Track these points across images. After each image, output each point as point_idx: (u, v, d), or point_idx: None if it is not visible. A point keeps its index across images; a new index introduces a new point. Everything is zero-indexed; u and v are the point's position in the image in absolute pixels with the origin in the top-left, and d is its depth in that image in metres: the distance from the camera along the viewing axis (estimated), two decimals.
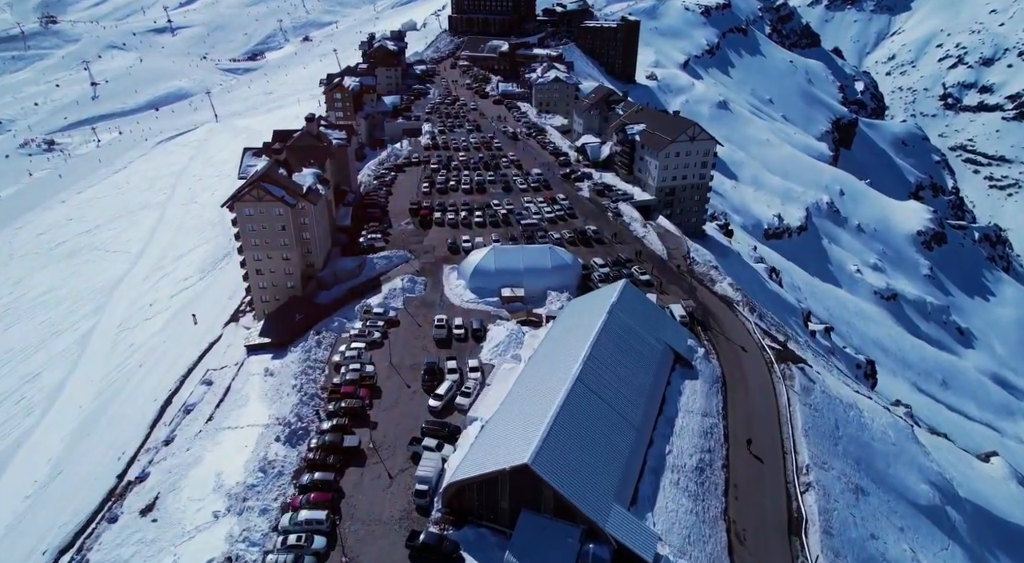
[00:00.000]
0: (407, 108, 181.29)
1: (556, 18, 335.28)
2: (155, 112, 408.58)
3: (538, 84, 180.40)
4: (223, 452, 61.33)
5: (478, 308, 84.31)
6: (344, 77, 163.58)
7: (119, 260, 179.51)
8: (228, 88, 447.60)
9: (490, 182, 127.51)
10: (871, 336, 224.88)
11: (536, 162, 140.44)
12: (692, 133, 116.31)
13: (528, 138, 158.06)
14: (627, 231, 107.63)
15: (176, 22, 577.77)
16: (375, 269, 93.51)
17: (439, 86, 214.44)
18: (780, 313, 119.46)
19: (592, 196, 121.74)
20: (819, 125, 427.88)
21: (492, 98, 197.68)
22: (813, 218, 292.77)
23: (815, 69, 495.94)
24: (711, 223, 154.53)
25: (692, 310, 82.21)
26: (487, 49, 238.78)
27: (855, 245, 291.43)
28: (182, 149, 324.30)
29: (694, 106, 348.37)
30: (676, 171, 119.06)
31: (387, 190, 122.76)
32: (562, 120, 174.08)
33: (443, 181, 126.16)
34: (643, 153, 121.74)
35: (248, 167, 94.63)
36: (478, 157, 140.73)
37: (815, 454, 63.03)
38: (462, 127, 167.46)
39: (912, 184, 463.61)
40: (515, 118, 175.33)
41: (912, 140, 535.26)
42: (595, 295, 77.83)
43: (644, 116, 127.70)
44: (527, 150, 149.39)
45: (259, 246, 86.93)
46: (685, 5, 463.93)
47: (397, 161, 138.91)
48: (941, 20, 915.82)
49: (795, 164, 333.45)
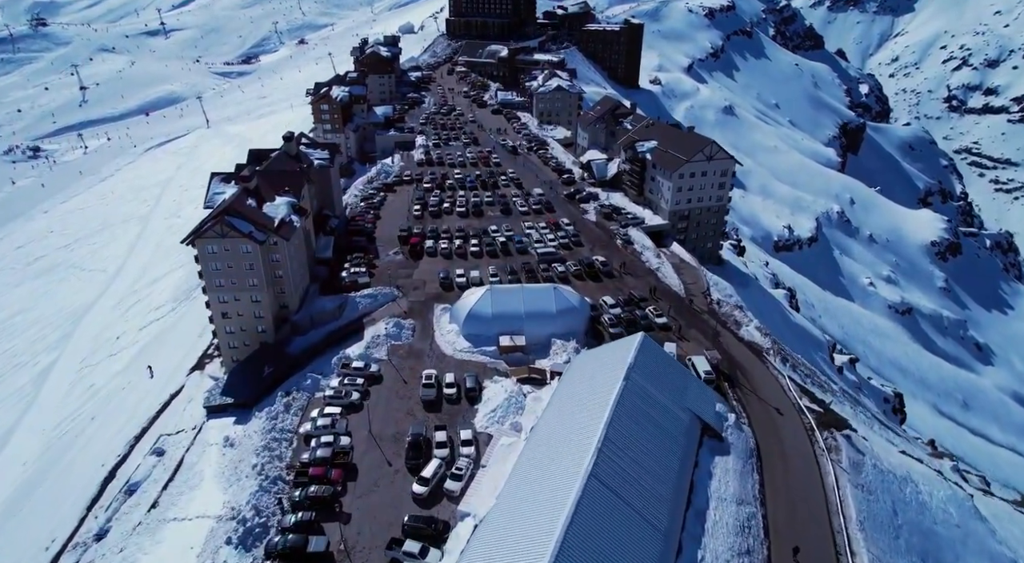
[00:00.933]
0: (400, 118, 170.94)
1: (557, 21, 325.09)
2: (145, 117, 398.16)
3: (539, 93, 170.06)
4: (162, 556, 50.86)
5: (473, 359, 73.92)
6: (332, 86, 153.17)
7: (94, 280, 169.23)
8: (221, 92, 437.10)
9: (488, 203, 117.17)
10: (888, 355, 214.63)
11: (538, 180, 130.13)
12: (709, 152, 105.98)
13: (529, 152, 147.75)
14: (639, 262, 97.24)
15: (169, 24, 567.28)
16: (358, 310, 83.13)
17: (435, 94, 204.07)
18: (806, 349, 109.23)
19: (599, 220, 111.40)
20: (826, 130, 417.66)
21: (491, 108, 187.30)
22: (823, 228, 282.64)
23: (821, 72, 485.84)
24: (724, 242, 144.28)
25: (718, 363, 71.84)
26: (485, 54, 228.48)
27: (867, 256, 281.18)
28: (170, 157, 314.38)
29: (699, 112, 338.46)
30: (691, 193, 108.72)
31: (375, 214, 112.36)
32: (565, 132, 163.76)
33: (436, 203, 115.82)
34: (655, 173, 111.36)
35: (215, 195, 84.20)
36: (475, 175, 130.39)
37: (876, 557, 52.54)
38: (458, 140, 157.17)
39: (920, 190, 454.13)
40: (515, 130, 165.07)
41: (919, 144, 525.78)
42: (608, 351, 67.39)
43: (655, 132, 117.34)
44: (527, 166, 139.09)
45: (225, 287, 76.60)
46: (688, 7, 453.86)
47: (387, 180, 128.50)
48: (945, 21, 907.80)
49: (804, 172, 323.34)
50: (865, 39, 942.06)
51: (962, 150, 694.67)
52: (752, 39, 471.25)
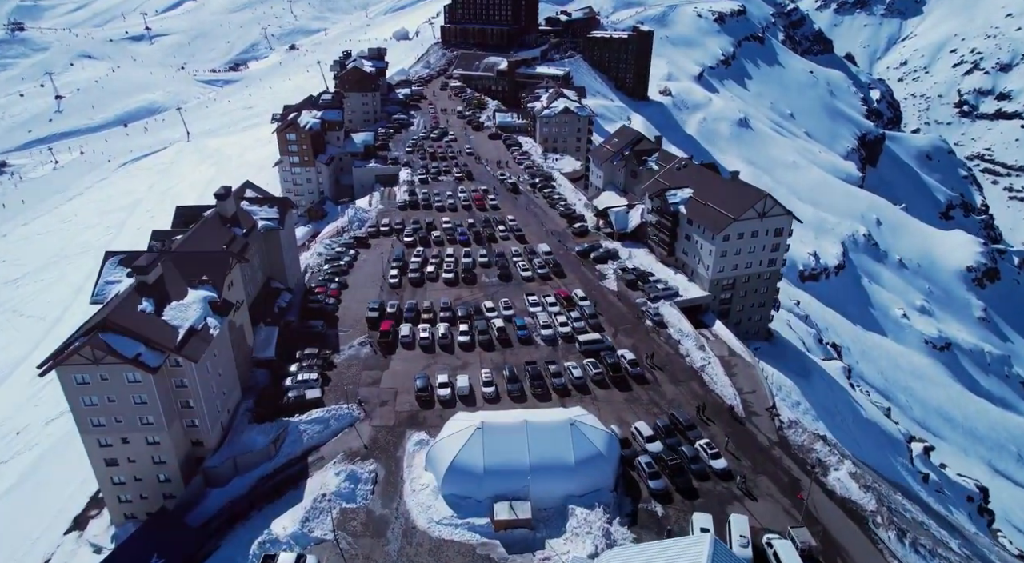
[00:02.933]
0: (383, 146, 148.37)
1: (560, 28, 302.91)
2: (124, 128, 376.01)
3: (544, 116, 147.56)
4: None
5: (455, 537, 51.52)
6: (301, 111, 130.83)
7: (31, 331, 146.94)
8: (205, 102, 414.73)
9: (483, 264, 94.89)
10: (933, 403, 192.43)
11: (543, 230, 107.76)
12: (762, 208, 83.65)
13: (533, 190, 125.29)
14: (677, 356, 74.85)
15: (156, 29, 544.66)
16: (301, 444, 60.81)
17: (425, 114, 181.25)
18: (883, 453, 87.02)
19: (621, 288, 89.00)
20: (844, 142, 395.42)
21: (488, 131, 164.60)
22: (850, 253, 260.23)
23: (836, 80, 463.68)
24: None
25: (810, 548, 49.38)
26: (483, 67, 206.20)
27: (898, 284, 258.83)
28: (144, 174, 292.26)
29: (713, 125, 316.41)
30: (738, 258, 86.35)
31: (341, 281, 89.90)
32: (574, 163, 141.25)
33: (419, 264, 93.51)
34: (691, 231, 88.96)
35: (107, 285, 61.87)
36: (468, 223, 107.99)
37: None
38: (450, 172, 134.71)
39: (942, 203, 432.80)
40: (515, 159, 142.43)
41: (937, 153, 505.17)
42: (656, 555, 44.72)
43: (690, 176, 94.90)
44: (531, 209, 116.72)
45: (106, 427, 54.37)
46: (697, 12, 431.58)
47: (360, 230, 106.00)
48: (955, 24, 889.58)
49: (826, 190, 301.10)
50: (873, 42, 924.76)
51: (974, 157, 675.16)
52: (764, 45, 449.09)
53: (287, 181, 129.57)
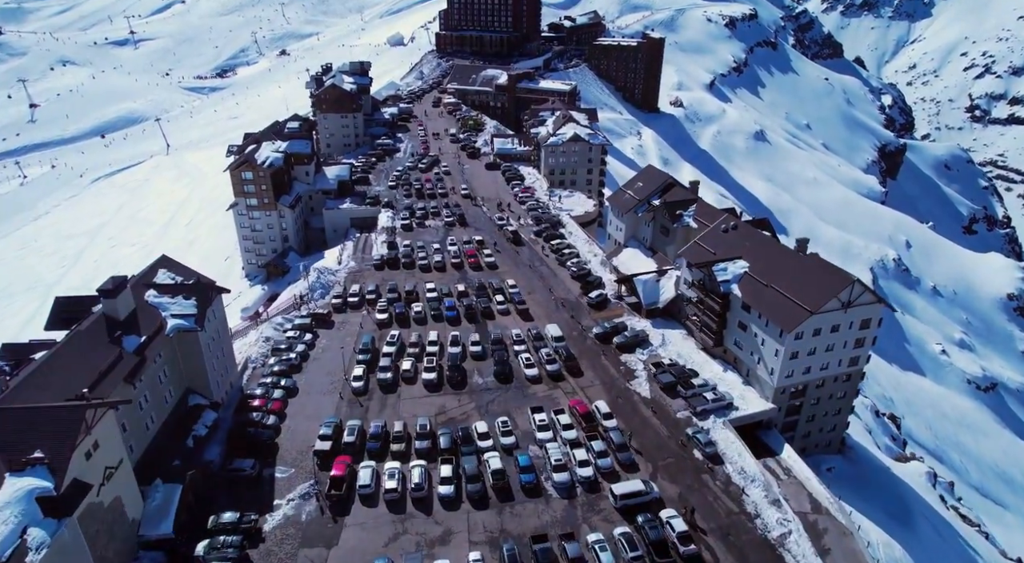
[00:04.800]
0: (363, 179, 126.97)
1: (564, 35, 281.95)
2: (101, 139, 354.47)
3: (550, 145, 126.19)
4: None
5: None
6: (260, 143, 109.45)
7: None
8: (190, 110, 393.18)
9: (476, 355, 73.62)
10: (987, 460, 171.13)
11: (552, 300, 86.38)
12: (848, 296, 62.50)
13: (538, 240, 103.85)
14: (744, 519, 53.48)
15: (142, 33, 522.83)
16: None
17: (414, 138, 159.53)
18: None
19: (655, 393, 67.81)
20: (863, 153, 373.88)
21: (485, 159, 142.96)
22: (880, 280, 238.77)
23: (852, 87, 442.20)
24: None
25: None
26: (480, 81, 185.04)
27: (933, 315, 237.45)
28: (117, 191, 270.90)
29: (727, 138, 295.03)
30: (812, 359, 65.18)
31: (289, 383, 68.56)
32: (585, 201, 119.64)
33: (393, 355, 72.21)
34: (749, 320, 67.71)
35: None
36: (457, 292, 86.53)
37: None
38: (439, 215, 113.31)
39: (965, 217, 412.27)
40: (516, 197, 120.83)
41: (956, 163, 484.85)
42: None
43: (741, 241, 73.55)
44: (536, 268, 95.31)
45: None
46: (707, 16, 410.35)
47: (321, 303, 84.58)
48: (965, 27, 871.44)
49: (850, 209, 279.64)
50: (880, 45, 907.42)
51: (987, 163, 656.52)
52: (777, 51, 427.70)
53: (244, 227, 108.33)
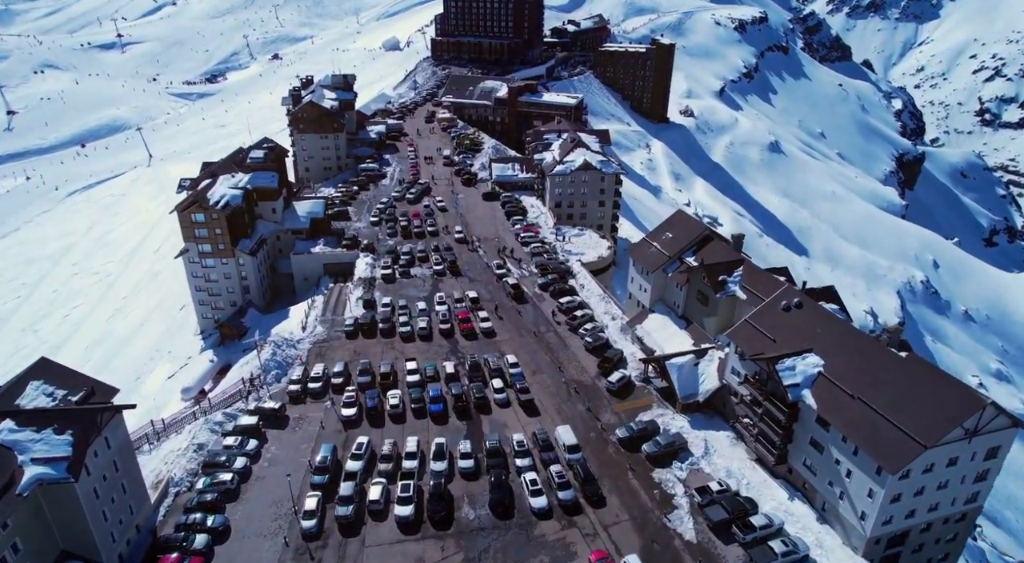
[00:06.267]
0: (340, 213, 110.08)
1: (567, 40, 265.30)
2: (82, 149, 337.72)
3: (556, 174, 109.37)
4: None
5: None
6: (217, 177, 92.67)
7: None
8: (176, 118, 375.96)
9: (466, 472, 56.90)
10: None
11: (563, 383, 69.49)
12: (976, 422, 45.67)
13: (544, 296, 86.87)
14: None
15: (131, 36, 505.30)
16: None
17: (403, 160, 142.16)
18: None
19: (703, 537, 51.07)
20: (880, 163, 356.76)
21: (482, 187, 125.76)
22: (908, 305, 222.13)
23: (867, 93, 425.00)
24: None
25: None
26: (478, 93, 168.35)
27: (967, 343, 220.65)
28: (91, 207, 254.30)
29: (740, 150, 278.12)
30: (919, 500, 48.50)
31: (219, 522, 51.64)
32: (598, 241, 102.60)
33: (357, 482, 55.24)
34: (827, 441, 50.88)
35: None
36: (446, 375, 69.60)
37: None
38: (427, 261, 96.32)
39: (985, 228, 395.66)
40: (517, 237, 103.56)
41: (972, 170, 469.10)
42: None
43: (809, 325, 56.65)
44: (542, 335, 78.37)
45: None
46: (715, 19, 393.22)
47: (272, 394, 67.63)
48: (974, 28, 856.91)
49: (871, 225, 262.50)
50: (887, 48, 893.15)
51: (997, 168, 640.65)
52: (788, 55, 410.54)
53: (196, 277, 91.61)
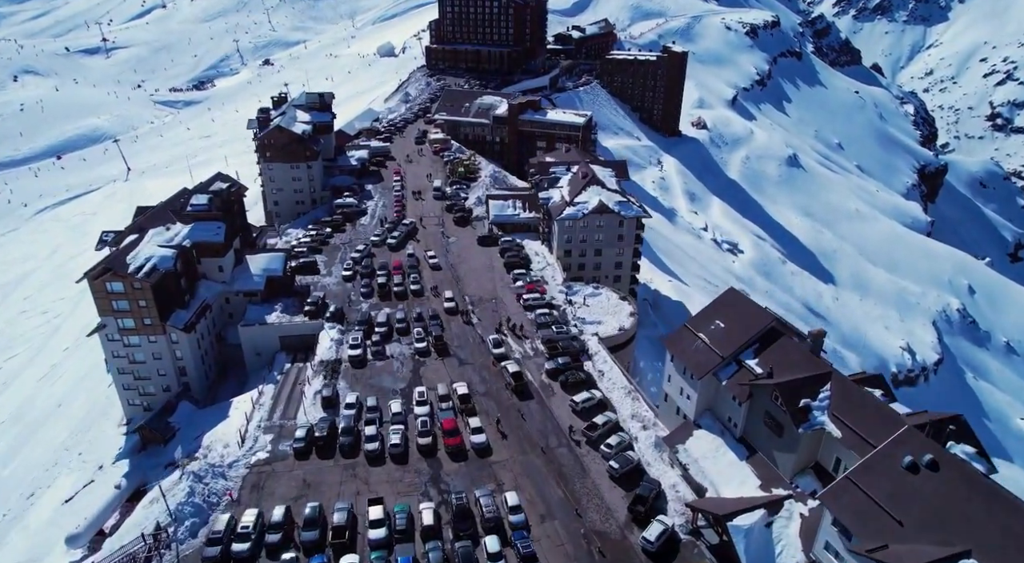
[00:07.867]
0: (309, 265, 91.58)
1: (572, 47, 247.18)
2: (58, 161, 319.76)
3: (565, 218, 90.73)
4: None
5: None
6: (146, 231, 74.11)
7: None
8: (160, 128, 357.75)
9: None
10: None
11: (582, 532, 50.76)
12: None
13: (553, 387, 68.39)
14: None
15: (117, 41, 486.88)
16: None
17: (387, 192, 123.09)
18: None
19: None
20: (902, 176, 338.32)
21: (478, 228, 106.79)
22: (944, 337, 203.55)
23: (884, 101, 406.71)
24: None
25: None
26: (475, 110, 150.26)
27: (1011, 380, 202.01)
28: (59, 227, 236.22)
29: (757, 164, 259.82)
30: None
31: None
32: (617, 303, 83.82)
33: None
34: None
35: None
36: (422, 527, 50.92)
37: None
38: (407, 333, 77.62)
39: (1010, 242, 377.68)
40: (520, 298, 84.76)
41: (992, 180, 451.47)
42: None
43: (945, 491, 38.12)
44: (553, 454, 59.65)
45: None
46: (725, 24, 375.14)
47: (183, 558, 49.18)
48: (984, 31, 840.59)
49: (898, 247, 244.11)
50: (895, 51, 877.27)
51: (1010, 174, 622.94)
52: (802, 61, 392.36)
53: (119, 357, 72.97)
